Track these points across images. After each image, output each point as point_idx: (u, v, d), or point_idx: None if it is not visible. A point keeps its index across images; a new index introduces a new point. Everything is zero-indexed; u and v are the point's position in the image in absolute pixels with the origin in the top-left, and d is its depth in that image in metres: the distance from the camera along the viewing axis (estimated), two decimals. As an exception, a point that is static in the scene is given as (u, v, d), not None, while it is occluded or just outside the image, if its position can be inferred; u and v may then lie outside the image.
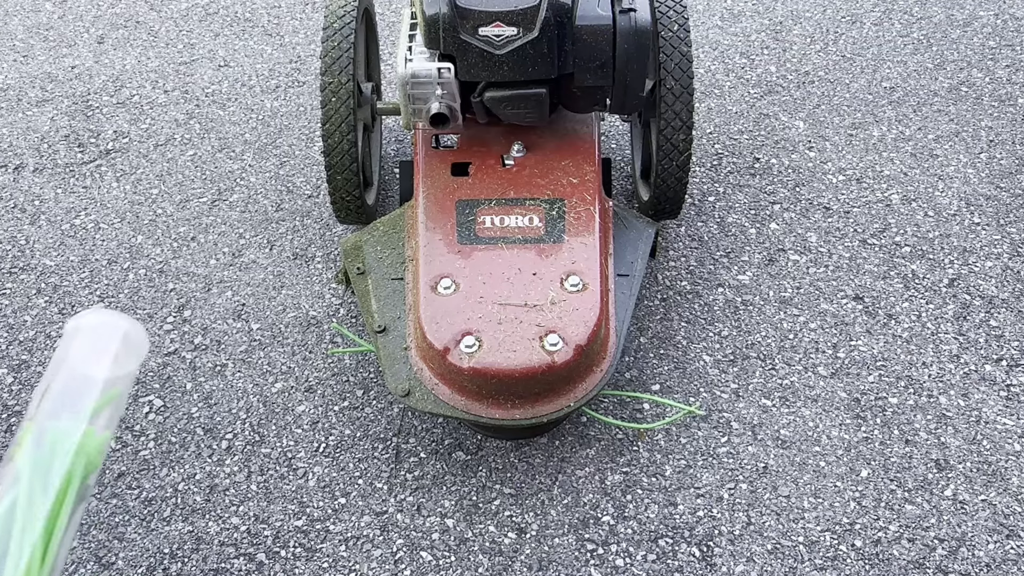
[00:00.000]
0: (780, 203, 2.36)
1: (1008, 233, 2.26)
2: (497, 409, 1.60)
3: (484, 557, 1.64)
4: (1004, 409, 1.86)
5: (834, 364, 1.95)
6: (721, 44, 2.98)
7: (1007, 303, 2.08)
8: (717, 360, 1.96)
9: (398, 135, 2.61)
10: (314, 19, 3.18)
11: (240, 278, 2.19)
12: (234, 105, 2.75)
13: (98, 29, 3.15)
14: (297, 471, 1.78)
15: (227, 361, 1.99)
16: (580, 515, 1.70)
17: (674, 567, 1.62)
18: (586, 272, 1.69)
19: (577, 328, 1.61)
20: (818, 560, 1.62)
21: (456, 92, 1.81)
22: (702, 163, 2.48)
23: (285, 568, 1.63)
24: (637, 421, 1.85)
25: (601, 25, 1.73)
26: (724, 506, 1.70)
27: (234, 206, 2.39)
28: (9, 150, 2.61)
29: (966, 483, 1.73)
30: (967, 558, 1.62)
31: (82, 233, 2.33)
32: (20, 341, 2.05)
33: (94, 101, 2.79)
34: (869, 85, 2.78)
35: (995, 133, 2.58)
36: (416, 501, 1.72)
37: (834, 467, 1.76)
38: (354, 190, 2.03)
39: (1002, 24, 3.06)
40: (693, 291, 2.12)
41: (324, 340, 2.03)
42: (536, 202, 1.81)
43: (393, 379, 1.65)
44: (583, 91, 1.83)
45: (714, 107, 2.69)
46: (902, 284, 2.13)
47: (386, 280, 1.79)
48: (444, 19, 1.72)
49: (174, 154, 2.57)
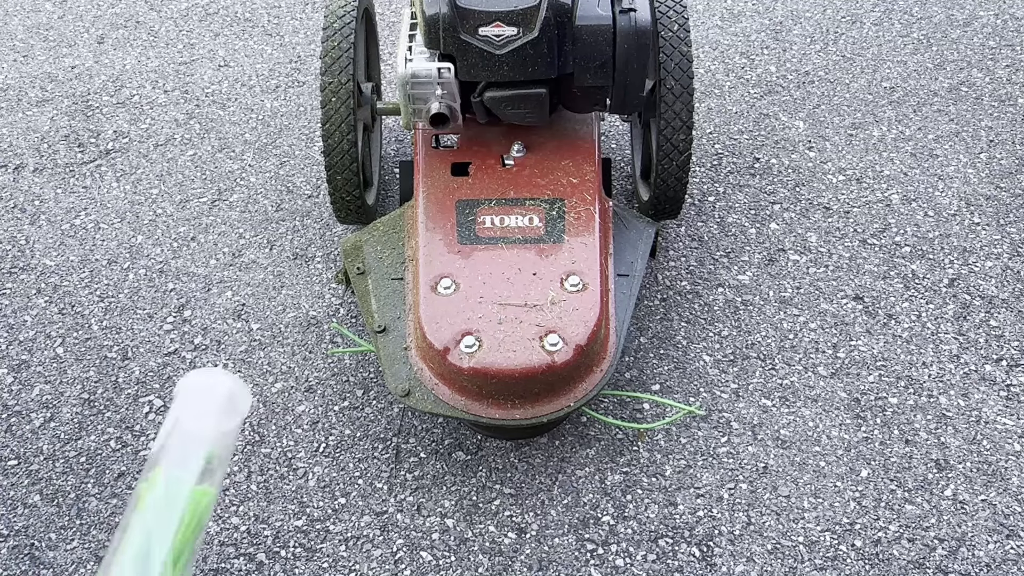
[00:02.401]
0: (780, 203, 2.36)
1: (1008, 233, 2.26)
2: (497, 409, 1.60)
3: (484, 557, 1.64)
4: (1004, 409, 1.86)
5: (834, 364, 1.95)
6: (721, 44, 2.98)
7: (1007, 303, 2.08)
8: (717, 360, 1.96)
9: (398, 135, 2.61)
10: (314, 19, 3.18)
11: (240, 278, 2.19)
12: (234, 105, 2.75)
13: (98, 29, 3.15)
14: (297, 471, 1.78)
15: (227, 361, 1.99)
16: (580, 515, 1.70)
17: (674, 567, 1.62)
18: (586, 272, 1.69)
19: (577, 328, 1.61)
20: (818, 560, 1.62)
21: (456, 92, 1.81)
22: (702, 163, 2.48)
23: (285, 568, 1.63)
24: (637, 421, 1.85)
25: (601, 25, 1.73)
26: (724, 506, 1.70)
27: (234, 206, 2.39)
28: (9, 150, 2.61)
29: (966, 483, 1.73)
30: (967, 558, 1.62)
31: (82, 233, 2.33)
32: (20, 341, 2.05)
33: (94, 101, 2.79)
34: (869, 85, 2.78)
35: (995, 133, 2.58)
36: (416, 501, 1.72)
37: (834, 467, 1.76)
38: (354, 190, 2.03)
39: (1002, 24, 3.06)
40: (693, 291, 2.12)
41: (324, 340, 2.03)
42: (536, 202, 1.81)
43: (393, 379, 1.65)
44: (583, 91, 1.83)
45: (714, 107, 2.69)
46: (902, 284, 2.13)
47: (386, 280, 1.79)
48: (444, 19, 1.72)
49: (174, 154, 2.57)
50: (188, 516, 0.87)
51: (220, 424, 0.93)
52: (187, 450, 0.90)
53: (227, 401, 0.95)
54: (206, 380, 0.96)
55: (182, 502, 0.87)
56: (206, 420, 0.93)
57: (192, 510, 0.87)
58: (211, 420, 0.93)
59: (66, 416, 1.89)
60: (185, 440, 0.91)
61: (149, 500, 0.87)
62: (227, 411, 0.94)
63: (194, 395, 0.95)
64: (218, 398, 0.94)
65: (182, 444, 0.91)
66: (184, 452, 0.90)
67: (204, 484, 0.90)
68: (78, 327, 2.08)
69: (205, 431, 0.92)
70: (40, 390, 1.94)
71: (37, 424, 1.88)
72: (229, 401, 0.95)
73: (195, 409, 0.94)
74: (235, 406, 0.95)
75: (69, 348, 2.03)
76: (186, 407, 0.94)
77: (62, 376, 1.97)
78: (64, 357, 2.01)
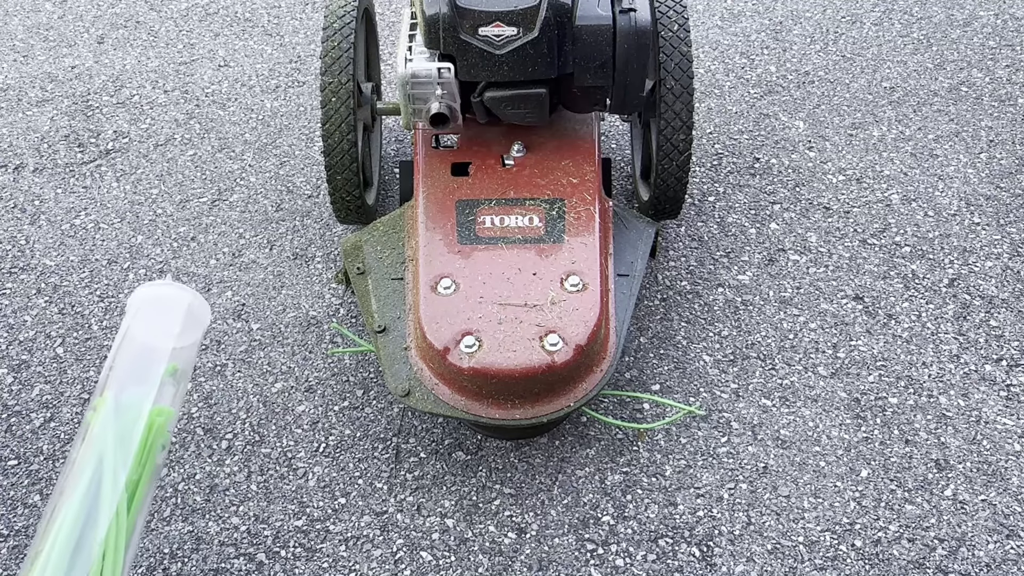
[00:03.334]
0: (780, 203, 2.36)
1: (1008, 233, 2.26)
2: (497, 409, 1.60)
3: (484, 557, 1.64)
4: (1004, 409, 1.86)
5: (834, 364, 1.95)
6: (721, 44, 2.98)
7: (1007, 303, 2.08)
8: (717, 360, 1.96)
9: (398, 135, 2.61)
10: (314, 19, 3.18)
11: (240, 278, 2.19)
12: (234, 105, 2.75)
13: (98, 29, 3.15)
14: (297, 471, 1.78)
15: (227, 361, 1.99)
16: (580, 515, 1.70)
17: (674, 567, 1.62)
18: (586, 272, 1.69)
19: (577, 328, 1.61)
20: (818, 560, 1.62)
21: (456, 92, 1.81)
22: (702, 163, 2.48)
23: (285, 568, 1.63)
24: (637, 421, 1.85)
25: (601, 25, 1.73)
26: (724, 506, 1.70)
27: (234, 206, 2.39)
28: (9, 150, 2.61)
29: (966, 483, 1.73)
30: (967, 558, 1.62)
31: (82, 233, 2.33)
32: (20, 341, 2.05)
33: (94, 101, 2.79)
34: (869, 85, 2.78)
35: (995, 133, 2.58)
36: (416, 501, 1.72)
37: (834, 467, 1.76)
38: (354, 190, 2.03)
39: (1002, 24, 3.06)
40: (693, 291, 2.12)
41: (324, 340, 2.03)
42: (536, 202, 1.81)
43: (393, 379, 1.65)
44: (583, 91, 1.83)
45: (714, 107, 2.69)
46: (902, 284, 2.13)
47: (386, 280, 1.79)
48: (444, 19, 1.72)
49: (174, 154, 2.57)
50: (144, 437, 0.79)
51: (180, 338, 0.85)
52: (142, 367, 0.82)
53: (186, 314, 0.87)
54: (159, 292, 0.88)
55: (138, 422, 0.79)
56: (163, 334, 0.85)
57: (148, 431, 0.80)
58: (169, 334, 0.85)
59: (66, 416, 1.89)
60: (140, 356, 0.83)
61: (97, 428, 0.79)
62: (187, 324, 0.87)
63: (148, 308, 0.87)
64: (175, 310, 0.86)
65: (136, 361, 0.82)
66: (138, 369, 0.82)
67: (162, 403, 0.82)
68: (78, 327, 2.08)
69: (163, 346, 0.84)
70: (40, 390, 1.94)
71: (37, 424, 1.88)
72: (188, 314, 0.87)
73: (151, 323, 0.86)
74: (196, 319, 0.88)
75: (69, 348, 2.03)
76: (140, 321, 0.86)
77: (62, 376, 1.97)
78: (64, 357, 2.01)
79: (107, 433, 0.79)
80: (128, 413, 0.81)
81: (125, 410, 0.81)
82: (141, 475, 0.79)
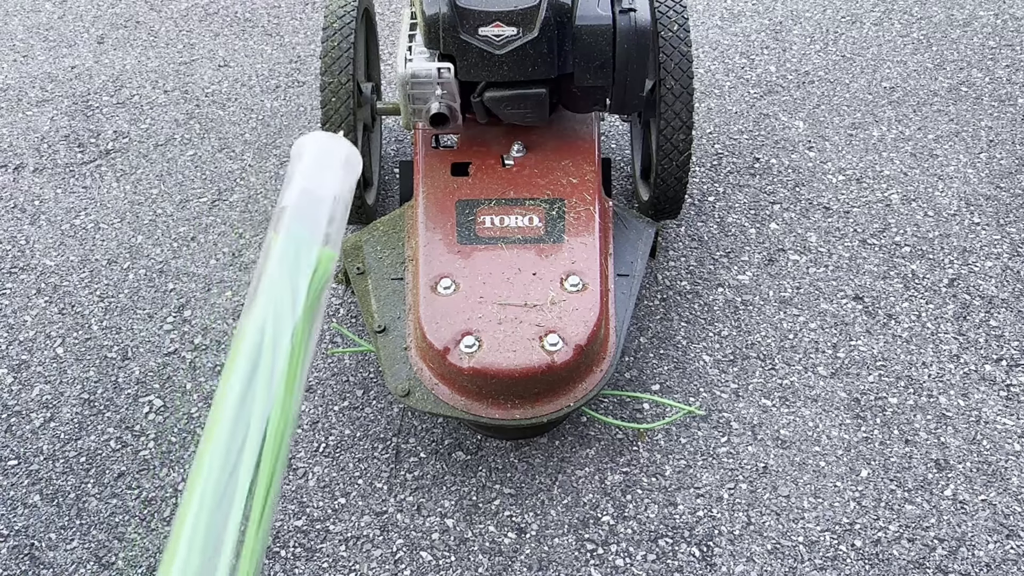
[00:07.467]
0: (780, 203, 2.36)
1: (1008, 233, 2.26)
2: (497, 409, 1.60)
3: (484, 557, 1.64)
4: (1004, 409, 1.86)
5: (834, 364, 1.95)
6: (721, 44, 2.98)
7: (1007, 303, 2.08)
8: (717, 360, 1.96)
9: (398, 135, 2.61)
10: (314, 19, 3.18)
11: (240, 278, 2.19)
12: (234, 105, 2.75)
13: (98, 29, 3.15)
14: (297, 471, 1.78)
15: (227, 361, 1.99)
16: (580, 515, 1.70)
17: (674, 567, 1.62)
18: (586, 272, 1.69)
19: (577, 328, 1.61)
20: (818, 560, 1.62)
21: (456, 92, 1.81)
22: (702, 163, 2.48)
23: (285, 568, 1.63)
24: (637, 421, 1.85)
25: (601, 25, 1.73)
26: (724, 506, 1.70)
27: (234, 206, 2.39)
28: (9, 150, 2.61)
29: (966, 483, 1.73)
30: (967, 558, 1.62)
31: (82, 233, 2.33)
32: (20, 341, 2.05)
33: (94, 101, 2.79)
34: (869, 85, 2.78)
35: (995, 133, 2.58)
36: (416, 501, 1.72)
37: (834, 467, 1.76)
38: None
39: (1002, 24, 3.06)
40: (693, 291, 2.12)
41: (324, 340, 2.03)
42: (536, 202, 1.81)
43: (393, 379, 1.65)
44: (583, 91, 1.83)
45: (714, 107, 2.69)
46: (902, 284, 2.13)
47: (386, 280, 1.79)
48: (444, 19, 1.72)
49: (174, 154, 2.57)
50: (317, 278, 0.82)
51: (343, 184, 0.89)
52: (310, 211, 0.86)
53: (345, 162, 0.90)
54: (324, 143, 0.92)
55: (311, 263, 0.83)
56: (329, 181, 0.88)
57: (320, 273, 0.83)
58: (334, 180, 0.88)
59: (66, 416, 1.89)
60: (308, 202, 0.86)
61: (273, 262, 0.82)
62: (346, 171, 0.91)
63: (314, 156, 0.91)
64: (338, 159, 0.90)
65: (304, 206, 0.86)
66: (306, 213, 0.86)
67: (327, 246, 0.85)
68: (78, 327, 2.08)
69: (328, 192, 0.87)
70: (40, 390, 1.94)
71: (37, 424, 1.88)
72: (347, 162, 0.91)
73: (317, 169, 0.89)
74: (352, 166, 0.91)
75: (69, 348, 2.03)
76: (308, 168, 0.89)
77: (62, 376, 1.97)
78: (64, 357, 2.01)
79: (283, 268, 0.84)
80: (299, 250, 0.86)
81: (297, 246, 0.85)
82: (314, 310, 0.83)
